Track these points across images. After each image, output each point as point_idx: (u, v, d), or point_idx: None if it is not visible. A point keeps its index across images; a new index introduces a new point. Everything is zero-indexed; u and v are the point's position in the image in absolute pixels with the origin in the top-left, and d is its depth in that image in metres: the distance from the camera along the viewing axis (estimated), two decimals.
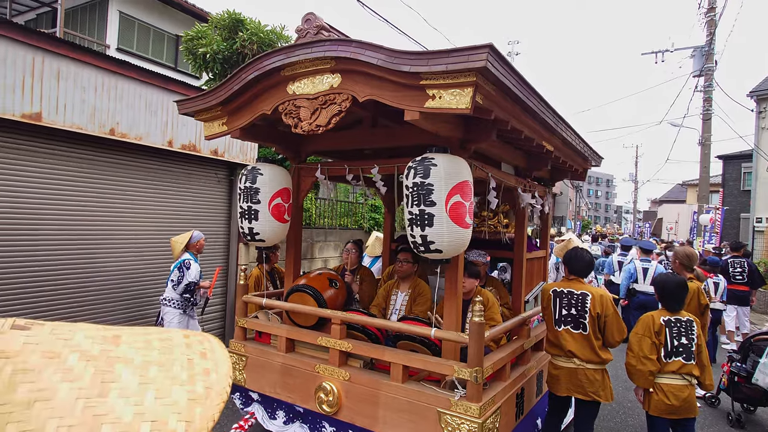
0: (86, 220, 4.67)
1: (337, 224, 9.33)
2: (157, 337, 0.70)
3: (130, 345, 0.65)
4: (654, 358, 3.13)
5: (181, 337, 0.73)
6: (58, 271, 4.48)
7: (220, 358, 0.71)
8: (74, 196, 4.56)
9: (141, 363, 0.63)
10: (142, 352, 0.65)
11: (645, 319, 3.24)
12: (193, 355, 0.69)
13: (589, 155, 4.39)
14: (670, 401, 3.12)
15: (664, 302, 3.28)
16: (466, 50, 2.12)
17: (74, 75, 4.26)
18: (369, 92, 2.55)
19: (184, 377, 0.64)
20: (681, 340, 3.16)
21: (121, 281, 5.02)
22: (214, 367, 0.68)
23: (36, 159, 4.25)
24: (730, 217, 19.40)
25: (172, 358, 0.66)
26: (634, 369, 3.19)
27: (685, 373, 3.15)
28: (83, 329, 0.66)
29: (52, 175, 4.38)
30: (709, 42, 13.74)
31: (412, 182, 2.60)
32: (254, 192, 3.36)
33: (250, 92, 3.04)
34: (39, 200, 4.30)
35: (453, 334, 2.78)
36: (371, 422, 2.90)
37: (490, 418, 2.65)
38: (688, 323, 3.19)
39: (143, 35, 11.29)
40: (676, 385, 3.14)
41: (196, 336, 0.75)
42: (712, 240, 14.05)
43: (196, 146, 5.47)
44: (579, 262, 3.42)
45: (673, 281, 3.29)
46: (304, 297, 3.42)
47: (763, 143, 16.24)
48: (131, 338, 0.67)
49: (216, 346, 0.74)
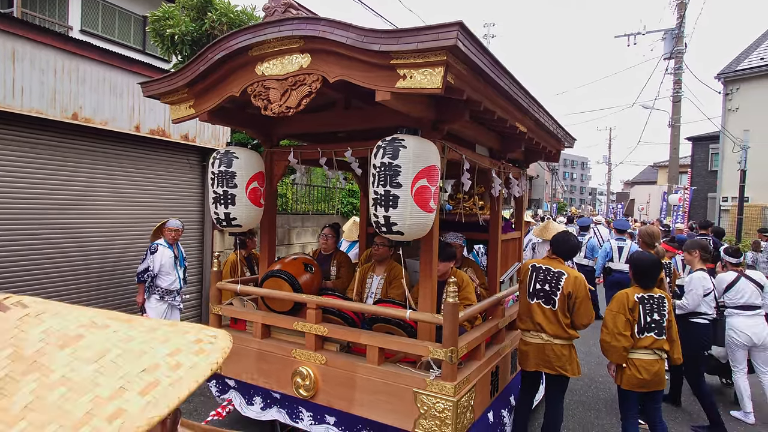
0: (51, 209, 4.50)
1: (314, 209, 9.26)
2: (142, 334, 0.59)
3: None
4: (628, 334, 3.22)
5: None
6: (18, 260, 4.32)
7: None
8: (36, 183, 4.38)
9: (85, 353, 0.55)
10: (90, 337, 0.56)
11: (619, 297, 3.32)
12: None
13: (562, 136, 4.43)
14: (641, 375, 3.23)
15: (638, 279, 3.37)
16: (436, 28, 2.08)
17: (30, 56, 4.06)
18: (339, 72, 2.50)
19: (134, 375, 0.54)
20: (653, 317, 3.26)
21: (89, 270, 4.88)
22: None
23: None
24: (698, 197, 20.02)
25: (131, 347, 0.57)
26: (608, 345, 3.28)
27: (657, 348, 3.26)
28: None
29: (11, 163, 4.19)
30: (679, 24, 13.98)
31: (380, 162, 2.57)
32: (230, 176, 3.28)
33: (218, 73, 2.94)
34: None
35: (428, 315, 2.80)
36: (348, 405, 2.92)
37: (465, 396, 2.69)
38: (660, 300, 3.30)
39: (108, 16, 10.83)
40: (648, 360, 3.26)
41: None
42: (677, 219, 14.48)
43: (166, 131, 5.31)
44: (564, 245, 3.51)
45: (648, 259, 3.40)
46: (279, 282, 3.39)
47: (729, 125, 16.72)
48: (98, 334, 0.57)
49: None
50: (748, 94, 16.69)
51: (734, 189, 15.48)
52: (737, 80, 17.05)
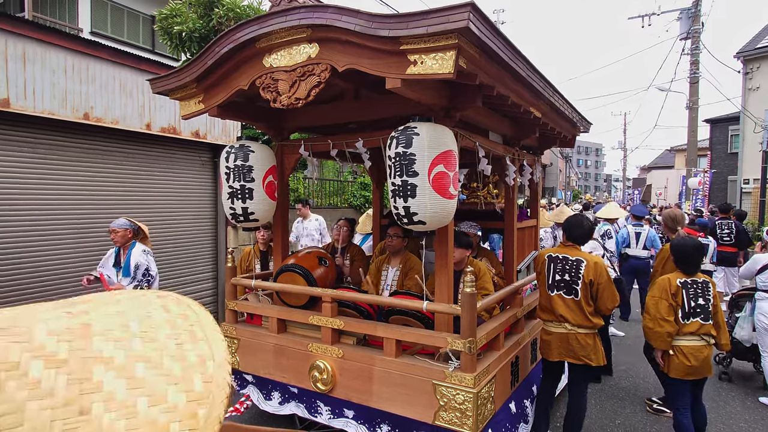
0: (66, 210, 4.54)
1: (327, 203, 9.25)
2: (134, 315, 0.58)
3: (105, 335, 0.53)
4: (671, 319, 3.16)
5: (159, 309, 0.60)
6: (32, 263, 4.37)
7: (212, 335, 0.60)
8: (51, 185, 4.42)
9: (124, 361, 0.51)
10: (122, 343, 0.53)
11: (661, 282, 3.26)
12: (181, 337, 0.57)
13: (577, 121, 4.32)
14: (690, 362, 3.17)
15: (681, 265, 3.30)
16: (447, 10, 2.02)
17: (42, 57, 4.08)
18: (348, 61, 2.44)
19: (178, 371, 0.53)
20: (698, 301, 3.20)
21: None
22: (209, 352, 0.57)
23: (5, 147, 4.09)
24: (718, 179, 19.56)
25: (158, 346, 0.55)
26: (651, 331, 3.22)
27: (704, 334, 3.20)
28: (40, 318, 0.52)
29: (25, 164, 4.24)
30: (695, 3, 13.57)
31: (394, 152, 2.52)
32: (247, 170, 3.26)
33: (225, 67, 2.91)
34: (11, 190, 4.16)
35: (445, 306, 2.75)
36: (366, 398, 2.89)
37: (485, 388, 2.64)
38: (704, 284, 3.23)
39: (117, 17, 10.89)
40: (696, 346, 3.19)
41: (172, 302, 0.62)
42: (697, 203, 14.16)
43: (176, 129, 5.32)
44: (578, 229, 3.39)
45: (690, 244, 3.31)
46: (294, 276, 3.36)
47: (750, 105, 16.26)
48: (103, 322, 0.55)
49: (203, 318, 0.62)
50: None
51: (756, 171, 15.06)
52: (758, 58, 16.56)
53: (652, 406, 4.24)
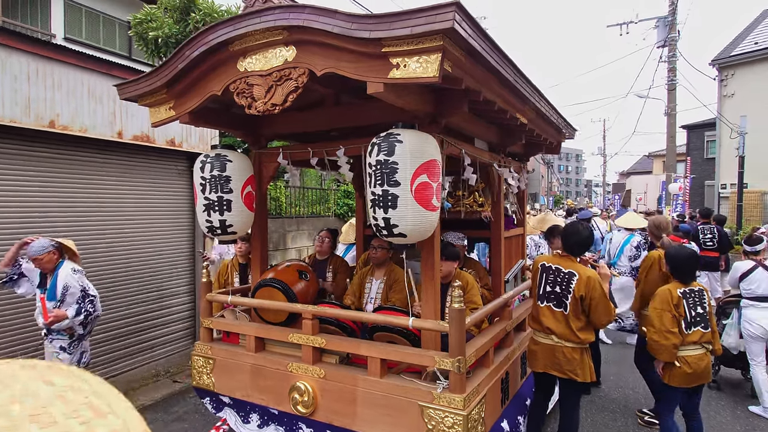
0: (29, 221, 4.28)
1: (309, 212, 9.06)
2: (15, 394, 0.43)
3: None
4: (676, 331, 3.11)
5: (38, 382, 0.45)
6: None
7: (119, 408, 0.46)
8: (13, 197, 4.16)
9: None
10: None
11: (662, 294, 3.19)
12: (82, 414, 0.43)
13: (563, 127, 4.26)
14: (692, 371, 3.13)
15: (677, 274, 3.24)
16: (431, 9, 1.90)
17: (2, 62, 3.84)
18: (327, 65, 2.31)
19: None
20: (698, 310, 3.16)
21: None
22: (123, 428, 0.44)
23: None
24: (695, 184, 19.91)
25: (61, 430, 0.41)
26: (657, 345, 3.14)
27: (705, 342, 3.17)
28: None
29: None
30: (672, 11, 13.83)
31: (375, 160, 2.38)
32: (225, 180, 3.09)
33: (197, 71, 2.75)
34: None
35: (432, 323, 2.61)
36: (350, 421, 2.73)
37: (475, 409, 2.50)
38: (700, 292, 3.21)
39: (92, 22, 10.58)
40: (698, 355, 3.16)
41: (51, 373, 0.47)
42: (677, 209, 14.34)
43: (150, 137, 5.10)
44: (573, 237, 3.18)
45: (685, 253, 3.28)
46: (273, 292, 3.19)
47: (725, 111, 16.62)
48: None
49: (98, 388, 0.47)
50: (743, 80, 16.60)
51: (732, 176, 15.36)
52: (732, 66, 16.96)
53: (644, 418, 4.15)
